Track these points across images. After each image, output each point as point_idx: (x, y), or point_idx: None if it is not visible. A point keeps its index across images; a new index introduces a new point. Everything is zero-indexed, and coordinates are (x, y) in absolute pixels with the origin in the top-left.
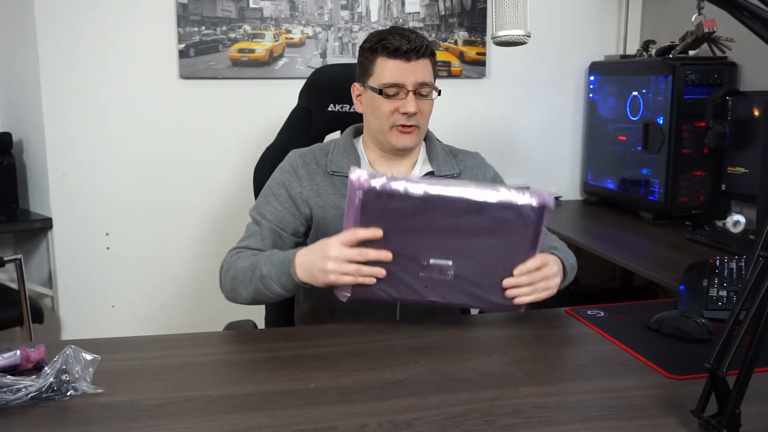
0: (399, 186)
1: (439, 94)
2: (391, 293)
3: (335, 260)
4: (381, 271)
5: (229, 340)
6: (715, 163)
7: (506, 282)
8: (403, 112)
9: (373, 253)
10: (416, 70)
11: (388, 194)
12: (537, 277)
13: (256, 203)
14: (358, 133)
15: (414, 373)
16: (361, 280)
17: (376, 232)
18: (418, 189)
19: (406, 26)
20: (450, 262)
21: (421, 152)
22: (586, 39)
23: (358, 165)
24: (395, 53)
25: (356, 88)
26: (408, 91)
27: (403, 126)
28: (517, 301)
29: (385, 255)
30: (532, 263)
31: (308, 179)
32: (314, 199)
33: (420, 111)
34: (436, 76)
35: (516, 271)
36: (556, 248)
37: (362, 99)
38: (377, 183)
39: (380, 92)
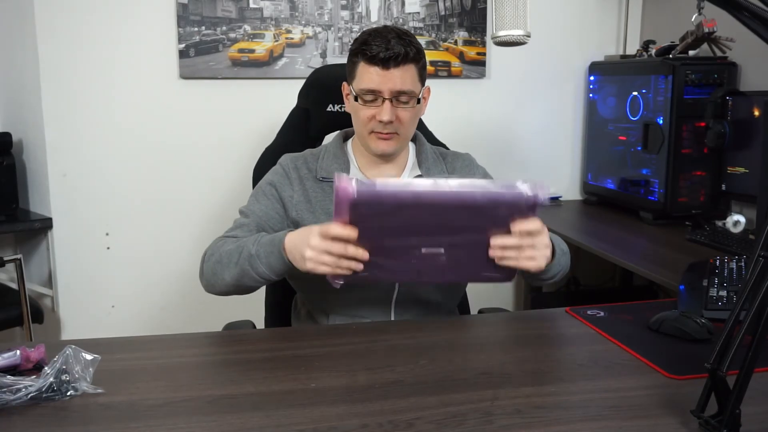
0: (386, 191)
1: (418, 102)
2: (383, 277)
3: (314, 249)
4: (358, 266)
5: (229, 340)
6: (715, 163)
7: (494, 242)
8: (378, 120)
9: (352, 250)
10: (394, 78)
11: (375, 200)
12: (526, 242)
13: (247, 202)
14: (348, 136)
15: (414, 373)
16: (338, 271)
17: (351, 234)
18: (407, 192)
19: (405, 26)
20: (441, 250)
21: (410, 155)
22: (586, 39)
23: (348, 170)
24: (372, 60)
25: (345, 88)
26: (384, 98)
27: (380, 132)
28: (502, 263)
29: (363, 254)
30: (531, 225)
31: (299, 184)
32: (304, 204)
33: (398, 119)
34: (424, 80)
35: (514, 229)
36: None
37: (349, 99)
38: (363, 192)
39: (356, 98)
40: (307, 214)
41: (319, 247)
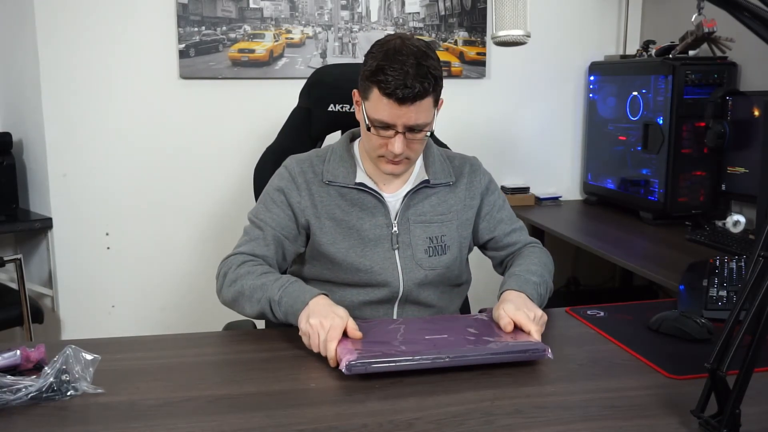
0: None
1: (431, 135)
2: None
3: (313, 326)
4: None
5: (229, 340)
6: (715, 163)
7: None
8: (390, 150)
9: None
10: (408, 113)
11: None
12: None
13: (256, 209)
14: (355, 137)
15: (414, 373)
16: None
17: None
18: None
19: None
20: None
21: (418, 161)
22: (586, 39)
23: (354, 174)
24: (389, 95)
25: (356, 95)
26: (397, 132)
27: (390, 159)
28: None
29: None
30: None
31: (306, 189)
32: (311, 210)
33: (409, 148)
34: (439, 99)
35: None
36: (531, 271)
37: (359, 109)
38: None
39: (368, 128)
40: (313, 219)
41: (324, 326)
